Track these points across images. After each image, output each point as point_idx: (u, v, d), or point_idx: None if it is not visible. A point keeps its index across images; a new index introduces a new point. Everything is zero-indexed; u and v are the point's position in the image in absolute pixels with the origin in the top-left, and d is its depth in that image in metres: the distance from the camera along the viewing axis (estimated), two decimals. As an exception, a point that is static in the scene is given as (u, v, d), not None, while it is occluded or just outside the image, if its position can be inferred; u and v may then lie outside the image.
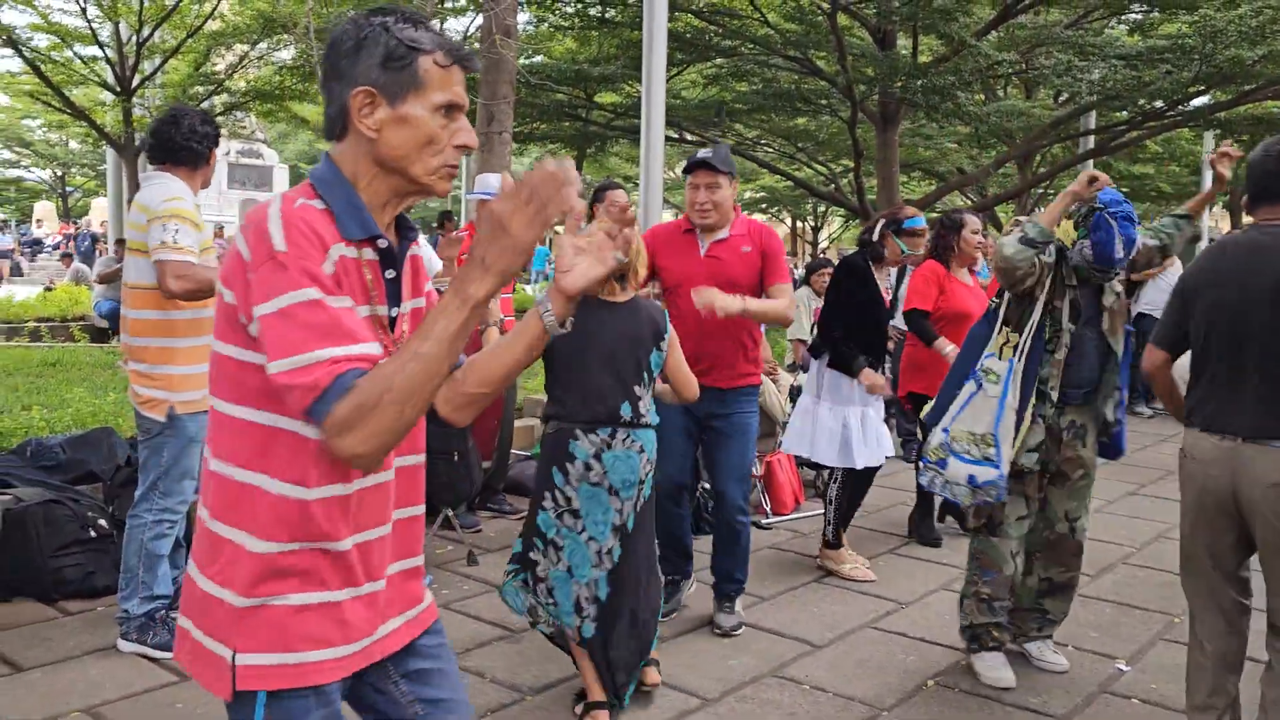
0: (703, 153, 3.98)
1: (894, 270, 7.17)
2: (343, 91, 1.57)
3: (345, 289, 1.53)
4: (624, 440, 3.17)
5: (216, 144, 3.88)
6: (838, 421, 4.68)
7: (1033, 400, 3.52)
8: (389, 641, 1.70)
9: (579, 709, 3.29)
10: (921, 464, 3.72)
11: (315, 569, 1.58)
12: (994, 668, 3.66)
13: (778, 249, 4.05)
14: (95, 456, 4.76)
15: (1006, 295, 3.60)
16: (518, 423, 6.25)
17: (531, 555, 3.22)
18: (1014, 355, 3.52)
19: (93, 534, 4.31)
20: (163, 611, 3.78)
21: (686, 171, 4.01)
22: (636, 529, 3.21)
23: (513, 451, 5.95)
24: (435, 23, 1.59)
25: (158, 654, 3.67)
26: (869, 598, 4.53)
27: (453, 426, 1.78)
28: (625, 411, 3.18)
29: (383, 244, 1.59)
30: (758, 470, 5.60)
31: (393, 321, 1.63)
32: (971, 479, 3.51)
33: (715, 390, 3.87)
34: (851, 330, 4.59)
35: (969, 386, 3.60)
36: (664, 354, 3.29)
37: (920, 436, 4.00)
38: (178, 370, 3.68)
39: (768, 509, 5.68)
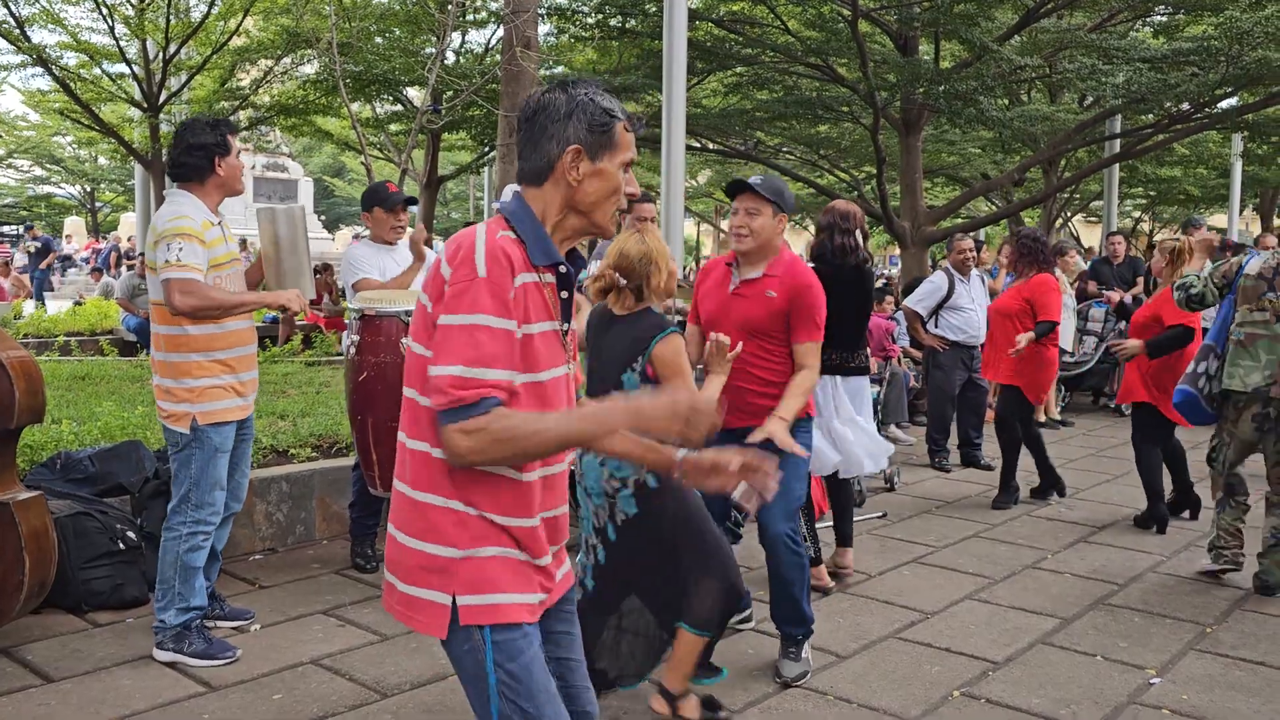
0: (752, 179, 3.69)
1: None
2: (553, 147, 1.90)
3: (526, 309, 1.85)
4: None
5: (222, 151, 3.78)
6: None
7: None
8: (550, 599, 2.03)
9: None
10: None
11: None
12: None
13: (811, 303, 3.65)
14: (124, 469, 4.81)
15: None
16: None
17: None
18: None
19: (122, 546, 4.36)
20: (199, 621, 3.82)
21: (729, 193, 3.74)
22: (621, 545, 3.13)
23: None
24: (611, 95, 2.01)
25: (194, 662, 3.71)
26: (894, 608, 4.50)
27: None
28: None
29: (563, 269, 1.92)
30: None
31: (564, 334, 1.97)
32: None
33: (744, 430, 3.57)
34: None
35: None
36: (636, 374, 3.06)
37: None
38: (197, 383, 3.72)
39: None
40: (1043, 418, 9.49)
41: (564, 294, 1.95)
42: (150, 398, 6.37)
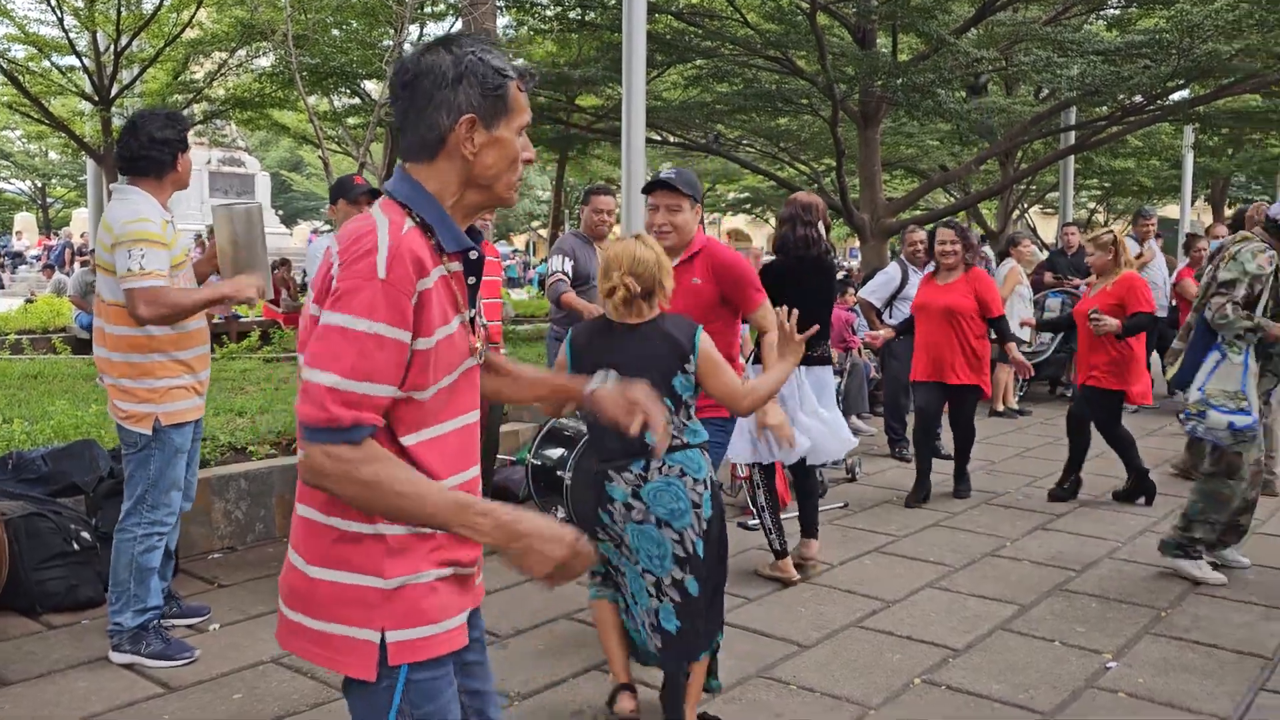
0: (665, 173, 3.76)
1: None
2: (442, 118, 1.68)
3: (443, 310, 1.67)
4: (660, 469, 2.98)
5: (183, 147, 3.74)
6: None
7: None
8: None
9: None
10: (1183, 416, 4.68)
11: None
12: (1206, 570, 4.72)
13: (739, 276, 3.78)
14: (77, 468, 4.73)
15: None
16: (503, 428, 6.24)
17: (609, 574, 3.19)
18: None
19: (76, 546, 4.29)
20: (155, 621, 3.76)
21: (646, 191, 3.80)
22: (707, 558, 3.03)
23: (499, 456, 5.94)
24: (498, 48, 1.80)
25: (152, 663, 3.66)
26: (855, 597, 4.54)
27: None
28: (650, 440, 3.06)
29: (473, 255, 1.73)
30: (741, 471, 5.60)
31: (472, 321, 1.77)
32: (1232, 425, 4.51)
33: (714, 419, 3.66)
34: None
35: (1214, 355, 4.60)
36: (690, 375, 3.02)
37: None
38: (161, 383, 3.66)
39: (754, 509, 5.68)
40: (1001, 407, 9.62)
41: (470, 280, 1.75)
42: (104, 396, 6.28)
